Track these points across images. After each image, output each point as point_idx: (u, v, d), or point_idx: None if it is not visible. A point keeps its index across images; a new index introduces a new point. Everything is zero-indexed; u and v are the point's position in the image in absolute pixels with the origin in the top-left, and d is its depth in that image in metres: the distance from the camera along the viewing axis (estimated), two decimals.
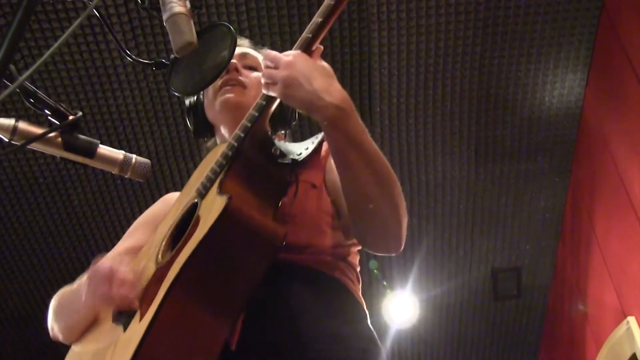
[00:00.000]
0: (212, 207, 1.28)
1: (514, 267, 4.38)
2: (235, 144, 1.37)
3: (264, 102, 1.38)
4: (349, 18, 3.31)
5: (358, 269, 1.55)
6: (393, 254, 1.48)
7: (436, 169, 3.88)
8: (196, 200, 1.37)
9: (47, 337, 1.62)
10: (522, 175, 3.98)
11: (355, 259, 1.55)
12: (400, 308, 4.35)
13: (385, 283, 4.33)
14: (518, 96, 3.64)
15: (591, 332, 3.87)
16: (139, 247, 1.59)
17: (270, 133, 1.49)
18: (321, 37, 1.38)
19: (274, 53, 1.38)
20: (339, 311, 1.42)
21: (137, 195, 3.91)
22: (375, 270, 4.27)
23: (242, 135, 1.37)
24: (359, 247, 1.57)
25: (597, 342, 3.71)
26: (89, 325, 1.51)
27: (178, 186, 3.77)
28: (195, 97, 1.74)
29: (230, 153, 1.36)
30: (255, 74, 1.68)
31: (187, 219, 1.37)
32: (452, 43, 3.42)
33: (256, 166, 1.39)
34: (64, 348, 1.56)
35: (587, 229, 3.80)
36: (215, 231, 1.23)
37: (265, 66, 1.37)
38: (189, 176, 1.65)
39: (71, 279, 1.60)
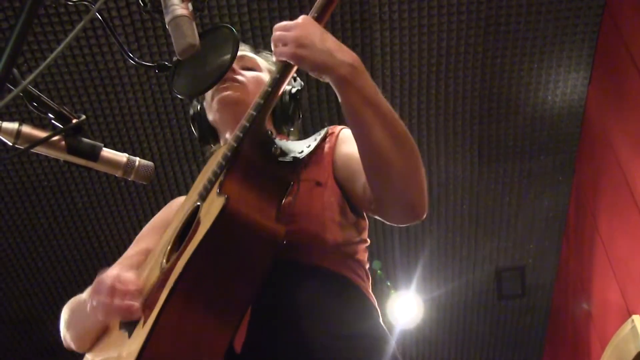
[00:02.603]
0: (211, 209, 1.27)
1: (518, 267, 4.38)
2: (235, 144, 1.34)
3: (262, 101, 1.35)
4: (350, 19, 3.31)
5: (367, 266, 1.53)
6: (415, 222, 1.41)
7: (439, 169, 3.88)
8: (198, 204, 1.36)
9: (51, 337, 1.63)
10: (525, 175, 3.98)
11: (364, 256, 1.53)
12: (405, 308, 4.35)
13: (389, 283, 4.33)
14: (521, 95, 3.64)
15: (595, 331, 3.87)
16: (148, 253, 1.58)
17: (270, 132, 1.48)
18: (328, 13, 1.38)
19: (283, 22, 1.36)
20: (347, 310, 1.41)
21: (140, 198, 3.91)
22: (379, 271, 4.27)
23: (241, 135, 1.34)
24: (367, 244, 1.55)
25: (602, 341, 3.70)
26: (101, 333, 1.50)
27: (182, 189, 3.77)
28: (199, 106, 1.74)
29: (229, 154, 1.34)
30: (252, 73, 1.68)
31: (190, 223, 1.36)
32: (454, 43, 3.42)
33: (256, 166, 1.37)
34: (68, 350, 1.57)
35: (590, 227, 3.79)
36: (213, 233, 1.21)
37: (274, 31, 1.34)
38: (192, 178, 1.65)
39: (75, 281, 1.60)
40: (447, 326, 4.69)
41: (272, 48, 1.34)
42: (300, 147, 1.48)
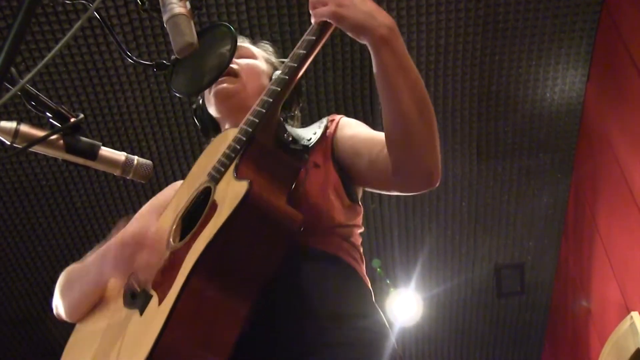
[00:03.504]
0: (230, 192, 1.28)
1: (517, 264, 4.38)
2: (249, 129, 1.37)
3: (278, 88, 1.38)
4: None
5: (361, 250, 1.56)
6: (430, 188, 1.45)
7: None
8: (209, 185, 1.37)
9: (51, 337, 1.62)
10: (524, 172, 3.98)
11: (358, 240, 1.56)
12: (404, 306, 4.35)
13: (388, 281, 4.33)
14: (519, 93, 3.64)
15: (595, 327, 3.87)
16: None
17: (282, 119, 1.50)
18: None
19: None
20: (344, 291, 1.43)
21: (139, 197, 3.91)
22: (378, 269, 4.27)
23: (256, 120, 1.37)
24: (362, 230, 1.58)
25: (601, 338, 3.71)
26: (95, 304, 1.51)
27: None
28: (201, 99, 1.76)
29: (244, 138, 1.36)
30: (246, 60, 1.70)
31: (199, 204, 1.37)
32: (452, 40, 3.42)
33: (270, 152, 1.40)
34: None
35: (589, 224, 3.80)
36: (236, 216, 1.23)
37: None
38: None
39: None
40: (447, 324, 4.70)
41: (310, 9, 1.36)
42: (307, 135, 1.52)
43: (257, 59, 1.73)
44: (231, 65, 1.63)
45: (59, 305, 1.57)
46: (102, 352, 1.36)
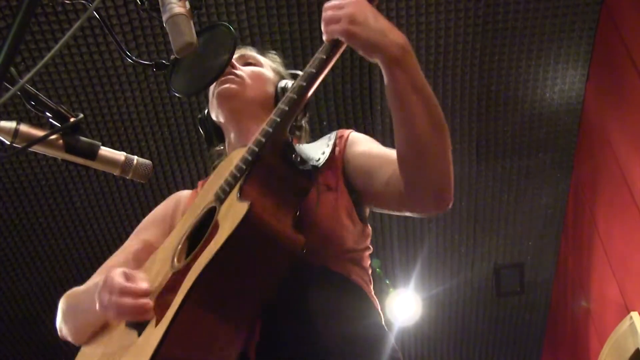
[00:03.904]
0: (232, 213, 1.26)
1: (517, 264, 4.39)
2: (256, 149, 1.33)
3: (287, 108, 1.35)
4: None
5: (370, 272, 1.54)
6: (444, 209, 1.40)
7: None
8: (214, 205, 1.35)
9: (51, 337, 1.64)
10: (523, 172, 3.98)
11: (367, 263, 1.54)
12: (403, 306, 4.35)
13: (387, 282, 4.33)
14: (519, 92, 3.64)
15: (594, 327, 3.87)
16: (148, 245, 1.59)
17: (291, 139, 1.48)
18: None
19: (333, 1, 1.34)
20: (354, 313, 1.42)
21: (138, 197, 3.91)
22: (377, 269, 4.27)
23: (264, 140, 1.34)
24: (370, 251, 1.56)
25: (601, 338, 3.71)
26: (100, 327, 1.50)
27: (179, 187, 3.76)
28: (206, 110, 1.75)
29: (250, 158, 1.33)
30: (252, 68, 1.69)
31: (205, 224, 1.35)
32: (452, 40, 3.42)
33: (277, 173, 1.36)
34: (68, 348, 1.56)
35: (589, 224, 3.80)
36: (235, 238, 1.21)
37: (325, 11, 1.33)
38: (191, 177, 1.65)
39: (74, 280, 1.60)
40: (446, 324, 4.70)
41: (323, 27, 1.33)
42: (316, 154, 1.49)
43: (262, 67, 1.72)
44: (235, 70, 1.63)
45: (63, 329, 1.57)
46: None
